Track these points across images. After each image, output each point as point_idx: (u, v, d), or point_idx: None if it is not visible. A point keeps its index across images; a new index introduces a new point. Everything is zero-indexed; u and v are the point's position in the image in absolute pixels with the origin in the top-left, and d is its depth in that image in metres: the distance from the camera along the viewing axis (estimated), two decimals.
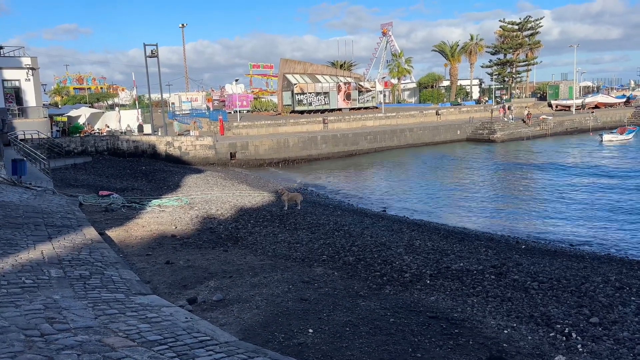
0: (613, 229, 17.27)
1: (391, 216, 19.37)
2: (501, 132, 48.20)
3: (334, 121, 49.22)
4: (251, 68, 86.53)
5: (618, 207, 20.59)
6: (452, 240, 14.24)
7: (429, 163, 37.62)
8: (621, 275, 10.59)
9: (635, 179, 27.27)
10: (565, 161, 35.21)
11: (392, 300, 8.57)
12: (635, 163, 33.32)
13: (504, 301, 8.62)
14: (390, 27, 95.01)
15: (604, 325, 7.54)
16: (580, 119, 56.74)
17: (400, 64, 78.67)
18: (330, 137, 42.08)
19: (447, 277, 10.09)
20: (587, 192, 24.10)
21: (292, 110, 54.07)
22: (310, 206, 19.26)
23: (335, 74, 61.03)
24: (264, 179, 30.09)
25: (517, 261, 11.62)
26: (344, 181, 30.70)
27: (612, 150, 39.99)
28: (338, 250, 12.27)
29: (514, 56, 77.52)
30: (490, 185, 28.02)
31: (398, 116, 53.69)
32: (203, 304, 8.13)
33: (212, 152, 35.92)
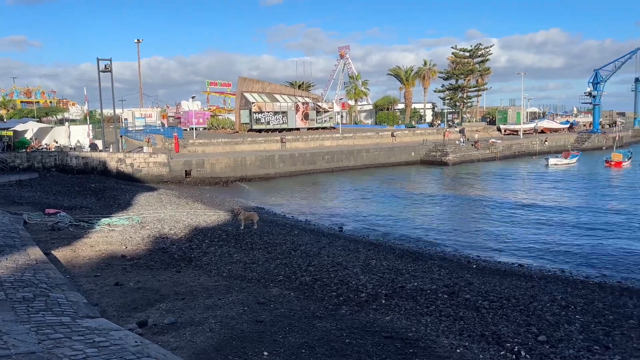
0: (559, 249, 18.00)
1: (348, 236, 19.49)
2: (453, 154, 49.70)
3: (292, 140, 49.41)
4: (208, 85, 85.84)
5: (564, 229, 21.53)
6: (407, 260, 14.46)
7: (384, 183, 38.22)
8: (566, 294, 11.03)
9: (578, 202, 28.66)
10: (513, 184, 36.62)
11: (348, 321, 8.57)
12: (578, 187, 35.06)
13: (456, 320, 8.79)
14: (347, 50, 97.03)
15: (551, 343, 7.81)
16: (527, 143, 59.36)
17: (357, 86, 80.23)
18: (288, 156, 42.15)
19: (402, 296, 10.21)
20: (534, 214, 25.09)
21: (249, 128, 53.91)
22: (267, 225, 19.11)
23: (294, 94, 61.48)
24: (220, 197, 29.67)
25: (468, 280, 11.91)
26: (302, 200, 30.70)
27: (557, 174, 41.95)
28: (295, 271, 12.20)
29: (465, 82, 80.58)
30: (443, 206, 28.72)
31: (355, 137, 54.50)
32: (154, 327, 7.85)
33: (166, 169, 35.19)
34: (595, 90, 69.04)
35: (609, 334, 8.29)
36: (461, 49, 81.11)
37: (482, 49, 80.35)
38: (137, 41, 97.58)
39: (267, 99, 56.48)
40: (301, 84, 72.73)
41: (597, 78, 68.79)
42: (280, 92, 60.12)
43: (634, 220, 22.51)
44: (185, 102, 67.87)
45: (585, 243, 18.75)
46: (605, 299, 10.76)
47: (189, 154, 41.73)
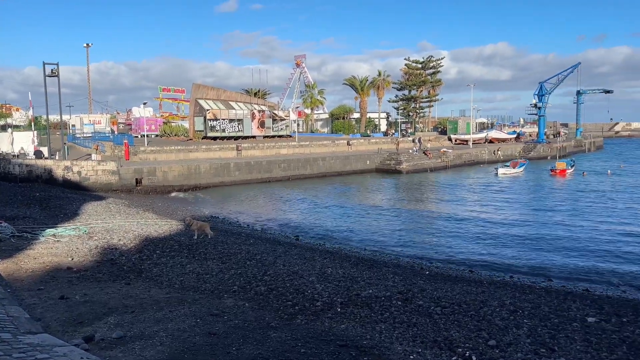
0: (508, 255, 18.62)
1: (304, 244, 19.44)
2: (407, 163, 50.69)
3: (248, 148, 49.02)
4: (161, 91, 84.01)
5: (513, 236, 22.31)
6: (362, 268, 14.56)
7: (340, 191, 38.49)
8: (515, 299, 11.40)
9: (527, 210, 29.82)
10: (465, 192, 37.70)
11: (303, 330, 8.52)
12: (526, 195, 36.50)
13: (410, 326, 8.91)
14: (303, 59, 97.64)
15: (501, 347, 8.03)
16: (476, 153, 61.35)
17: (314, 95, 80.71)
18: (244, 164, 41.75)
19: (357, 304, 10.26)
20: (485, 221, 25.88)
21: (204, 136, 53.06)
22: (222, 235, 18.81)
23: (250, 102, 61.09)
24: (173, 206, 28.99)
25: (421, 287, 12.11)
26: (258, 209, 30.43)
27: (506, 183, 43.52)
28: (250, 280, 12.05)
29: (417, 92, 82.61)
30: (398, 213, 29.18)
31: (311, 145, 54.68)
32: (101, 341, 7.54)
33: (115, 177, 34.07)
34: (540, 102, 72.32)
35: (554, 337, 8.61)
36: (414, 60, 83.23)
37: (433, 61, 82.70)
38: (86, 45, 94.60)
39: (223, 106, 55.84)
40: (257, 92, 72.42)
41: (542, 90, 72.12)
42: (235, 99, 59.59)
43: (576, 228, 23.62)
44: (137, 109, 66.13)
45: (532, 249, 19.48)
46: (551, 303, 11.18)
47: (140, 161, 40.58)
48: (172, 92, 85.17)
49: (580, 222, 24.87)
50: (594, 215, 26.53)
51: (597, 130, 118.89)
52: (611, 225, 24.01)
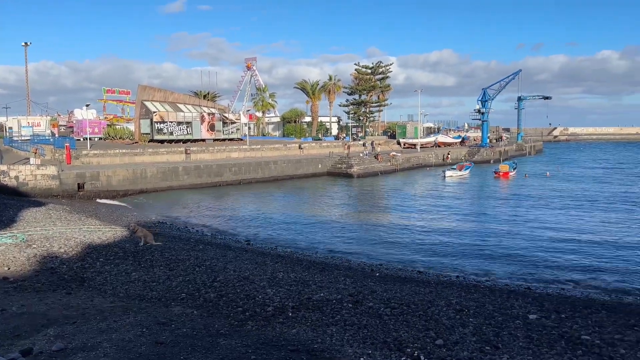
0: (456, 256, 19.18)
1: (255, 248, 19.26)
2: (358, 166, 51.30)
3: (197, 152, 48.11)
4: (105, 93, 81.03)
5: (459, 237, 23.00)
6: (314, 271, 14.58)
7: (292, 195, 38.44)
8: (461, 299, 11.74)
9: (473, 210, 30.84)
10: (414, 194, 38.55)
11: (254, 336, 8.41)
12: (473, 196, 37.77)
13: (360, 328, 8.98)
14: (254, 62, 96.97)
15: (448, 346, 8.23)
16: (424, 156, 62.95)
17: (265, 98, 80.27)
18: (193, 168, 40.93)
19: (309, 308, 10.25)
20: (433, 222, 26.56)
21: (150, 139, 51.64)
22: (169, 241, 18.33)
23: (199, 104, 60.02)
24: (118, 212, 27.99)
25: (372, 289, 12.25)
26: (207, 214, 29.89)
27: (453, 185, 44.91)
28: (199, 287, 11.79)
29: (367, 97, 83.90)
30: (349, 216, 29.46)
31: (263, 149, 54.35)
32: (40, 355, 7.14)
33: (56, 182, 32.55)
34: (483, 107, 75.09)
35: (498, 335, 8.92)
36: (363, 65, 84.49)
37: (382, 67, 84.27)
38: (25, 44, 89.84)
39: (170, 109, 54.57)
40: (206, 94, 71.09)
41: (485, 96, 74.94)
42: (184, 101, 58.40)
43: (519, 228, 24.65)
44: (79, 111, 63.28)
45: (478, 250, 20.16)
46: (495, 302, 11.59)
47: (82, 165, 38.96)
48: (117, 94, 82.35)
49: (521, 222, 25.97)
50: (534, 216, 27.78)
51: (537, 134, 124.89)
52: (549, 225, 25.22)
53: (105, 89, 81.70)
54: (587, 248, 19.95)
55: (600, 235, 22.33)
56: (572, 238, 21.84)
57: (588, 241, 21.18)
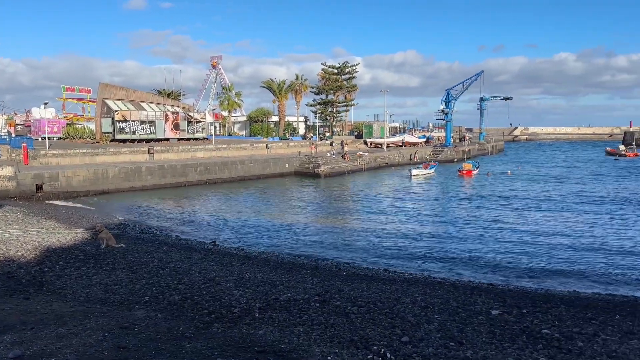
0: (418, 254, 19.46)
1: (222, 250, 19.04)
2: (325, 166, 51.44)
3: (161, 151, 47.22)
4: (64, 91, 78.53)
5: (424, 234, 23.35)
6: (281, 271, 14.52)
7: (259, 195, 38.20)
8: (426, 296, 11.92)
9: (438, 208, 31.37)
10: (381, 193, 38.93)
11: (220, 339, 8.30)
12: (437, 193, 38.40)
13: (327, 328, 8.99)
14: (219, 60, 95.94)
15: (413, 343, 8.34)
16: (390, 156, 63.67)
17: (231, 97, 79.45)
18: (157, 168, 40.14)
19: (276, 308, 10.19)
20: (400, 221, 26.88)
21: (112, 138, 50.39)
22: (132, 243, 17.91)
23: (162, 103, 58.92)
24: (78, 214, 27.17)
25: (339, 288, 12.30)
26: (172, 215, 29.36)
27: (419, 183, 45.60)
28: (163, 290, 11.56)
29: (334, 97, 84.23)
30: (316, 216, 29.50)
31: (229, 148, 53.82)
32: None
33: (12, 183, 31.33)
34: (447, 107, 76.55)
35: (462, 331, 9.10)
36: (330, 65, 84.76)
37: (349, 67, 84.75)
38: None
39: (133, 107, 53.35)
40: (170, 93, 69.83)
41: (449, 97, 76.40)
42: (147, 100, 57.19)
43: (482, 226, 25.24)
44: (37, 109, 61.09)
45: (442, 247, 20.52)
46: (459, 298, 11.82)
47: (40, 166, 37.64)
48: (77, 92, 80.00)
49: (484, 221, 26.59)
50: (497, 215, 28.49)
51: (499, 134, 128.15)
52: (511, 224, 25.92)
53: (65, 87, 79.22)
54: (548, 246, 20.60)
55: (559, 234, 23.11)
56: (533, 237, 22.51)
57: (548, 240, 21.88)
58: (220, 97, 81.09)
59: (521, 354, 7.85)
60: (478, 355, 7.75)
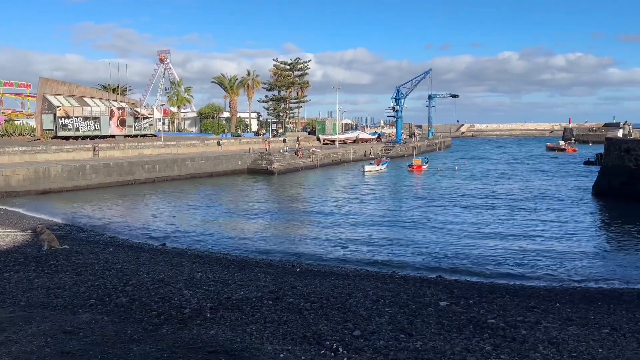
0: (371, 248, 19.77)
1: (171, 249, 18.61)
2: (278, 163, 51.24)
3: (107, 149, 45.62)
4: (2, 86, 74.28)
5: (376, 229, 23.71)
6: (233, 270, 14.36)
7: (211, 193, 37.59)
8: (377, 289, 12.11)
9: (390, 204, 31.92)
10: (335, 189, 39.20)
11: (169, 340, 8.12)
12: (389, 190, 39.09)
13: (280, 325, 8.97)
14: (168, 55, 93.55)
15: (365, 336, 8.46)
16: (343, 152, 64.22)
17: (180, 93, 77.69)
18: (102, 166, 38.74)
19: (228, 307, 10.07)
20: (351, 217, 27.16)
21: (54, 135, 48.19)
22: (77, 244, 17.21)
23: (108, 98, 56.89)
24: (18, 214, 25.82)
25: (292, 284, 12.30)
26: (119, 214, 28.42)
27: (372, 179, 46.24)
28: (109, 292, 11.17)
29: (287, 93, 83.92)
30: (270, 214, 29.36)
31: (179, 145, 52.62)
32: None
33: None
34: (397, 105, 77.94)
35: (412, 323, 9.31)
36: (282, 62, 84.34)
37: (301, 63, 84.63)
38: None
39: (76, 103, 51.20)
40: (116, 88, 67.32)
41: (399, 94, 77.80)
42: (91, 95, 55.06)
43: (431, 220, 25.92)
44: None
45: (394, 241, 20.92)
46: (409, 291, 12.09)
47: None
48: (16, 87, 75.91)
49: (433, 216, 27.32)
50: (445, 209, 29.35)
51: (446, 131, 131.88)
52: (459, 218, 26.77)
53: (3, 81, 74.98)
54: (494, 238, 21.41)
55: (503, 228, 24.07)
56: (480, 230, 23.34)
57: (494, 233, 22.75)
58: (169, 93, 79.19)
59: (468, 344, 8.11)
60: (427, 346, 7.96)
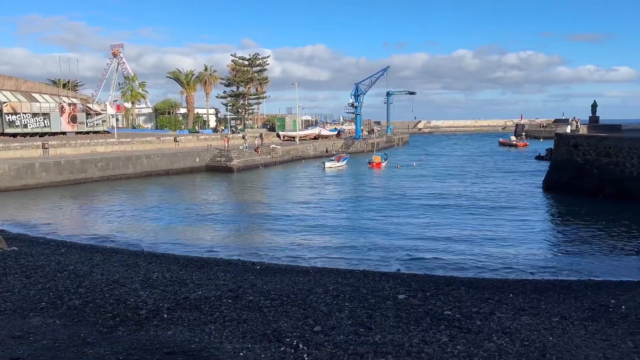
0: (331, 245, 19.88)
1: (126, 249, 18.12)
2: (237, 160, 50.68)
3: (57, 146, 43.87)
4: None
5: (335, 225, 23.86)
6: (192, 269, 14.12)
7: (168, 191, 36.82)
8: (337, 284, 12.19)
9: (352, 200, 32.18)
10: (296, 186, 39.17)
11: (125, 342, 7.91)
12: (349, 187, 39.40)
13: (240, 323, 8.89)
14: (121, 49, 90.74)
15: (325, 332, 8.50)
16: (303, 148, 64.23)
17: (134, 88, 75.57)
18: (53, 164, 37.25)
19: (186, 307, 9.90)
20: (310, 214, 27.22)
21: (1, 132, 45.96)
22: (26, 245, 16.51)
23: (58, 94, 54.76)
24: None
25: (252, 282, 12.22)
26: (71, 214, 27.45)
27: (332, 175, 46.44)
28: (61, 295, 10.77)
29: (245, 89, 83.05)
30: (229, 211, 29.04)
31: (133, 142, 51.22)
32: None
33: None
34: (356, 101, 78.57)
35: (371, 316, 9.42)
36: (240, 57, 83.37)
37: (259, 59, 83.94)
38: None
39: (24, 98, 49.01)
40: (66, 83, 64.77)
41: (358, 91, 78.43)
42: (40, 90, 52.86)
43: (390, 216, 26.33)
44: None
45: (353, 237, 21.13)
46: (368, 285, 12.23)
47: None
48: None
49: (391, 211, 27.77)
50: (403, 205, 29.87)
51: (404, 127, 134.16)
52: (417, 214, 27.31)
53: None
54: (450, 234, 21.96)
55: (458, 223, 24.71)
56: (437, 226, 23.89)
57: (449, 228, 23.33)
58: (123, 88, 76.86)
59: (425, 335, 8.29)
60: (386, 339, 8.08)
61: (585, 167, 30.46)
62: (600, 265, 16.48)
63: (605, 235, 20.71)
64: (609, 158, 29.07)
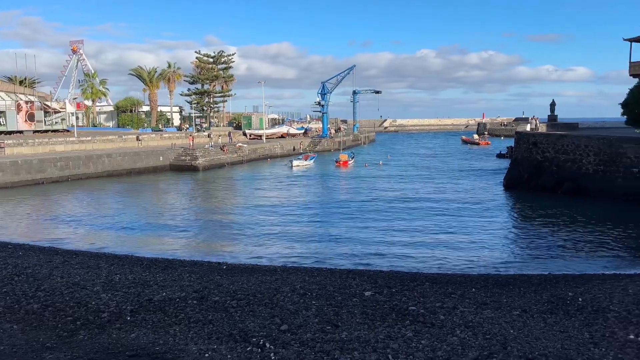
0: (298, 244, 19.87)
1: (87, 252, 17.62)
2: (203, 158, 50.00)
3: (14, 145, 42.30)
4: None
5: (303, 223, 23.87)
6: (156, 270, 13.86)
7: (130, 191, 36.00)
8: (305, 283, 12.21)
9: (319, 198, 32.21)
10: (263, 186, 38.91)
11: (87, 346, 7.71)
12: (316, 187, 39.44)
13: (205, 324, 8.80)
14: (81, 45, 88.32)
15: (292, 330, 8.50)
16: (270, 147, 63.92)
17: (95, 85, 73.60)
18: (9, 164, 35.87)
19: (149, 309, 9.72)
20: (277, 213, 27.14)
21: None
22: None
23: (14, 91, 52.82)
24: None
25: (218, 282, 12.09)
26: (28, 216, 26.48)
27: (300, 174, 46.38)
28: (19, 299, 10.40)
29: (210, 87, 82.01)
30: (194, 211, 28.63)
31: (94, 141, 49.87)
32: None
33: None
34: (323, 100, 78.71)
35: (338, 314, 9.48)
36: (205, 54, 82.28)
37: (224, 56, 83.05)
38: None
39: None
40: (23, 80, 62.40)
41: (324, 89, 78.58)
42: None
43: (356, 214, 26.51)
44: None
45: (320, 235, 21.18)
46: (335, 282, 12.29)
47: None
48: None
49: (358, 210, 27.98)
50: (369, 203, 30.14)
51: (370, 126, 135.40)
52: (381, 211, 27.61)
53: None
54: (414, 230, 22.30)
55: (422, 220, 25.12)
56: (401, 223, 24.22)
57: (414, 225, 23.71)
58: (83, 85, 74.73)
59: (391, 331, 8.40)
60: (352, 336, 8.15)
61: (544, 164, 31.46)
62: (558, 260, 17.07)
63: (564, 230, 21.46)
64: (566, 155, 30.12)
